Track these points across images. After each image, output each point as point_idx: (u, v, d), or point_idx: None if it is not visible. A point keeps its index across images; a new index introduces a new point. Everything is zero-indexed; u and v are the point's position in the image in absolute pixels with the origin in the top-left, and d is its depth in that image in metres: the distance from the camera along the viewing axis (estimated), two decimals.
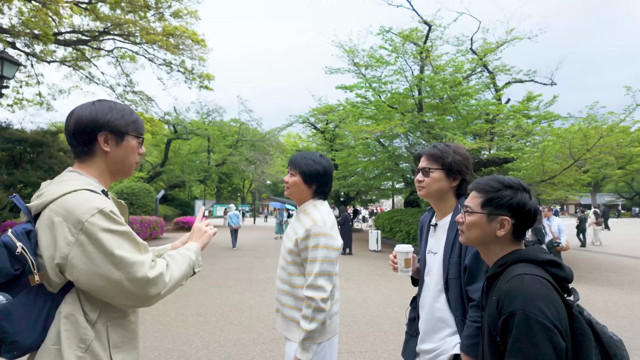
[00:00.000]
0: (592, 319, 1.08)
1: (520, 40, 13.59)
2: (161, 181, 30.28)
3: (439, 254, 1.79)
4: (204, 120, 31.14)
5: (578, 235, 16.27)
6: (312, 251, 1.80)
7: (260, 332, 4.81)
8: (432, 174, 1.78)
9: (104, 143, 1.25)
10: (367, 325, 5.15)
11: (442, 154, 1.77)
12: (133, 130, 1.30)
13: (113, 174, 1.31)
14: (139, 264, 1.13)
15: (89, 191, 1.17)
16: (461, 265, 1.68)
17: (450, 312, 1.70)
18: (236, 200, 52.71)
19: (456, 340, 1.67)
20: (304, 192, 1.96)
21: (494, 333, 1.09)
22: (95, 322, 1.14)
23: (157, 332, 4.76)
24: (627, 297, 6.89)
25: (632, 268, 10.25)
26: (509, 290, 1.05)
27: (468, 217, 1.24)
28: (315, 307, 1.75)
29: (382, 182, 20.33)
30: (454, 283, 1.68)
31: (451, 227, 1.75)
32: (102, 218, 1.11)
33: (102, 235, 1.10)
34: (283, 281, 1.93)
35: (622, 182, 49.54)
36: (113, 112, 1.26)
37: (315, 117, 21.67)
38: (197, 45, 14.51)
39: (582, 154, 9.90)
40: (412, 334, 1.91)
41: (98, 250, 1.09)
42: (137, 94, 16.60)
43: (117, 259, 1.11)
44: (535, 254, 1.14)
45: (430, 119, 12.78)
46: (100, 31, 13.77)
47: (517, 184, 1.21)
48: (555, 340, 0.97)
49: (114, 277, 1.10)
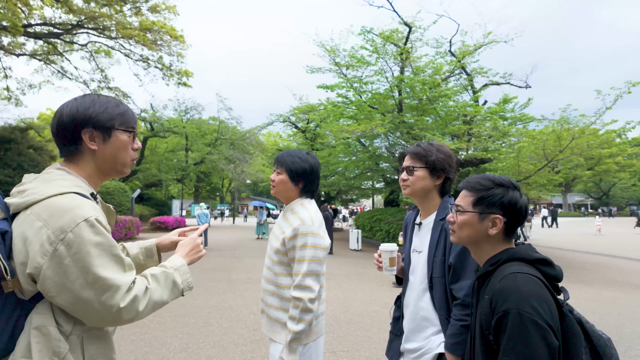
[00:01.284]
0: (582, 318, 1.08)
1: (497, 43, 13.92)
2: (137, 180, 29.48)
3: (423, 253, 1.78)
4: (182, 118, 30.55)
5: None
6: (300, 250, 1.77)
7: (241, 333, 4.73)
8: (416, 172, 1.78)
9: (90, 141, 1.15)
10: (348, 324, 5.15)
11: (426, 152, 1.77)
12: (121, 123, 1.19)
13: (105, 173, 1.21)
14: (115, 288, 1.04)
15: (78, 195, 1.07)
16: (446, 264, 1.68)
17: (434, 311, 1.70)
18: (215, 200, 52.01)
19: (440, 339, 1.67)
20: (291, 191, 1.92)
21: (487, 332, 1.08)
22: (69, 333, 1.06)
23: (133, 335, 4.61)
24: (598, 293, 7.15)
25: (602, 265, 10.67)
26: (502, 289, 1.04)
27: (460, 216, 1.22)
28: (303, 308, 1.71)
29: (362, 182, 20.45)
30: (438, 282, 1.68)
31: (435, 225, 1.75)
32: (87, 229, 1.02)
33: (85, 249, 1.01)
34: (269, 281, 1.89)
35: (591, 182, 51.63)
36: (95, 105, 1.16)
37: (296, 116, 21.59)
38: (176, 41, 14.21)
39: (556, 155, 10.23)
40: (396, 333, 1.90)
41: (76, 265, 1.01)
42: (112, 90, 16.11)
43: (93, 277, 1.02)
44: (527, 253, 1.14)
45: (410, 120, 12.92)
46: (74, 24, 13.29)
47: (508, 182, 1.20)
48: (548, 339, 0.97)
49: (85, 296, 1.02)
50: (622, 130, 10.16)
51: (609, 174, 37.99)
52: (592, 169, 32.00)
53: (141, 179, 29.33)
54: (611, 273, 9.41)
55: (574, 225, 32.46)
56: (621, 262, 11.32)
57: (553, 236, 20.28)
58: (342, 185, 20.24)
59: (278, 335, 1.82)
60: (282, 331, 1.81)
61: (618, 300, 6.64)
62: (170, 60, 15.24)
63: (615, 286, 7.85)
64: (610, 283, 8.18)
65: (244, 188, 53.71)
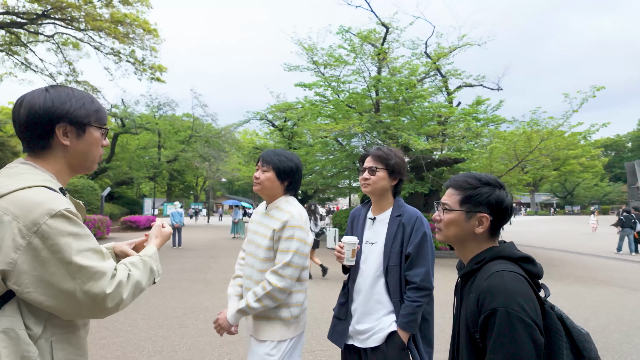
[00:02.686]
0: (562, 314, 1.11)
1: (471, 46, 14.28)
2: (107, 178, 28.49)
3: (377, 244, 1.98)
4: (155, 114, 29.71)
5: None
6: (286, 242, 1.81)
7: (217, 334, 4.63)
8: (378, 172, 1.99)
9: (63, 136, 1.10)
10: (326, 323, 5.14)
11: (387, 155, 2.00)
12: (96, 120, 1.17)
13: (73, 169, 1.17)
14: (99, 274, 1.01)
15: (47, 189, 1.02)
16: (402, 254, 1.90)
17: (387, 295, 1.91)
18: (188, 199, 50.95)
19: (391, 320, 1.88)
20: (276, 189, 1.95)
21: (473, 330, 1.08)
22: (38, 337, 1.00)
23: (104, 338, 4.44)
24: (564, 289, 7.45)
25: (567, 262, 11.15)
26: (489, 287, 1.05)
27: (446, 214, 1.23)
28: (269, 293, 1.76)
29: (339, 181, 20.55)
30: (394, 269, 1.90)
31: (392, 221, 1.97)
32: (63, 220, 0.98)
33: (62, 240, 0.97)
34: (253, 281, 1.89)
35: (556, 182, 53.93)
36: (72, 100, 1.12)
37: (273, 114, 21.43)
38: (149, 34, 13.80)
39: (526, 155, 10.60)
40: (340, 317, 2.05)
41: (54, 256, 0.96)
42: (80, 84, 15.49)
43: (74, 267, 0.98)
44: (511, 251, 1.16)
45: (387, 120, 13.08)
46: (39, 14, 12.66)
47: (494, 181, 1.22)
48: (535, 336, 0.98)
49: (68, 287, 0.98)
50: (587, 132, 10.64)
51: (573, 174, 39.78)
52: (557, 170, 33.41)
53: (111, 177, 28.36)
54: (576, 269, 9.84)
55: (540, 223, 33.78)
56: (585, 259, 11.86)
57: (513, 233, 20.96)
58: (319, 184, 20.27)
59: (264, 334, 1.83)
60: (269, 328, 1.83)
61: (583, 296, 6.95)
62: (143, 55, 14.80)
63: (580, 282, 8.22)
64: (576, 279, 8.55)
65: (219, 187, 52.89)
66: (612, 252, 13.38)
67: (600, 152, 19.08)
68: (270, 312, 1.83)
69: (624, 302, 6.45)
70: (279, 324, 1.83)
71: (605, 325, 5.19)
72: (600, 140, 29.74)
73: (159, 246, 1.35)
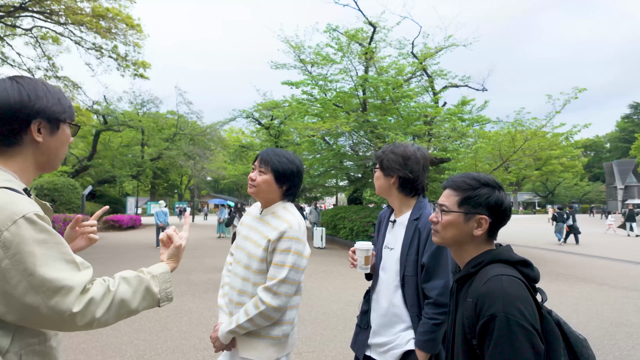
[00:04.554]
0: (560, 319, 1.08)
1: (456, 46, 14.42)
2: (88, 176, 27.83)
3: (395, 250, 1.81)
4: (138, 111, 29.18)
5: None
6: (281, 254, 1.65)
7: (202, 337, 4.54)
8: (376, 173, 1.92)
9: (37, 132, 1.03)
10: (313, 324, 5.10)
11: (381, 154, 1.91)
12: (69, 117, 1.11)
13: (39, 167, 1.09)
14: (66, 290, 0.91)
15: (10, 190, 0.93)
16: (418, 263, 1.71)
17: (405, 308, 1.73)
18: (173, 198, 50.21)
19: (410, 336, 1.70)
20: (273, 193, 1.76)
21: (470, 336, 1.05)
22: (6, 351, 0.91)
23: (84, 343, 4.30)
24: (545, 287, 7.55)
25: (548, 260, 11.37)
26: (488, 291, 1.01)
27: (444, 216, 1.18)
28: (263, 313, 1.61)
29: (326, 180, 20.51)
30: (410, 280, 1.72)
31: (409, 225, 1.78)
32: (27, 226, 0.89)
33: (26, 248, 0.88)
34: (243, 293, 1.74)
35: (538, 182, 55.14)
36: (48, 95, 1.05)
37: (259, 112, 21.25)
38: (132, 30, 13.49)
39: (510, 155, 10.76)
40: (362, 326, 1.92)
41: (16, 267, 0.87)
42: (60, 80, 15.04)
43: (38, 280, 0.88)
44: (509, 254, 1.13)
45: (374, 119, 13.10)
46: (16, 6, 12.23)
47: (493, 182, 1.18)
48: (535, 342, 0.95)
49: (30, 301, 0.88)
50: (569, 133, 10.85)
51: (554, 174, 40.78)
52: (539, 169, 34.16)
53: (93, 175, 27.73)
54: (556, 267, 10.03)
55: (522, 222, 34.44)
56: (564, 257, 12.12)
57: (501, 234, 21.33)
58: (306, 183, 20.20)
59: (252, 352, 1.69)
60: (256, 346, 1.69)
61: (564, 293, 7.08)
62: (125, 50, 14.45)
63: (561, 279, 8.38)
64: (557, 277, 8.71)
65: (204, 185, 52.29)
66: (593, 250, 13.73)
67: (580, 152, 19.53)
68: (261, 329, 1.68)
69: (604, 300, 6.59)
70: (268, 343, 1.69)
71: (586, 322, 5.28)
72: (580, 141, 30.48)
73: (173, 269, 1.21)
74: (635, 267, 10.13)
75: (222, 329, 1.71)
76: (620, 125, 70.79)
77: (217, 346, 1.76)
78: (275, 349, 1.69)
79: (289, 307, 1.72)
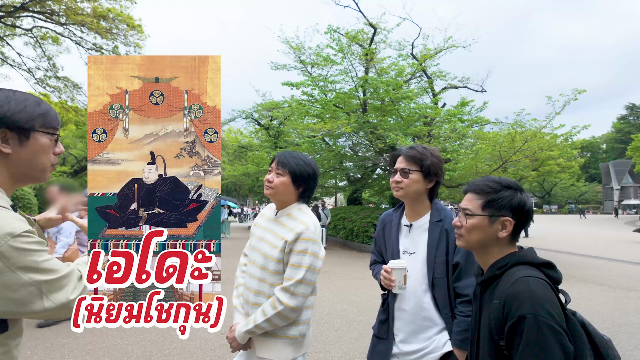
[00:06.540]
0: (584, 320, 1.11)
1: (456, 48, 14.47)
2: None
3: (418, 254, 1.79)
4: None
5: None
6: (298, 255, 1.68)
7: (208, 337, 4.55)
8: (411, 175, 1.79)
9: (3, 143, 1.00)
10: (317, 324, 5.12)
11: (421, 155, 1.79)
12: (41, 125, 1.05)
13: (18, 180, 1.06)
14: (63, 283, 1.03)
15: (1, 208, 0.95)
16: (449, 264, 1.72)
17: (437, 311, 1.72)
18: None
19: (445, 338, 1.70)
20: (290, 194, 1.80)
21: (497, 337, 1.07)
22: None
23: (90, 344, 4.30)
24: None
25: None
26: (516, 293, 1.04)
27: (468, 220, 1.21)
28: (280, 313, 1.64)
29: (326, 181, 20.53)
30: (440, 282, 1.72)
31: (433, 227, 1.78)
32: (19, 244, 0.92)
33: (24, 259, 0.93)
34: (260, 294, 1.76)
35: (535, 182, 55.32)
36: (11, 103, 1.01)
37: (259, 112, 21.26)
38: (133, 30, 13.47)
39: (510, 156, 10.81)
40: (381, 336, 1.87)
41: (16, 275, 0.92)
42: (61, 80, 14.99)
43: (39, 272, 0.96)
44: (533, 256, 1.15)
45: (373, 120, 13.14)
46: (17, 7, 12.20)
47: (514, 184, 1.21)
48: (564, 343, 0.98)
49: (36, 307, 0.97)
50: (569, 134, 10.92)
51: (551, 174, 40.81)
52: (536, 170, 34.25)
53: None
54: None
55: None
56: (565, 257, 12.19)
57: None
58: None
59: (269, 352, 1.71)
60: (274, 346, 1.70)
61: None
62: (126, 51, 14.39)
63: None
64: None
65: None
66: (593, 250, 13.81)
67: (577, 153, 19.61)
68: (278, 330, 1.70)
69: (603, 300, 6.64)
70: (285, 343, 1.70)
71: None
72: (577, 141, 30.64)
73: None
74: (635, 267, 10.21)
75: (239, 329, 1.73)
76: (617, 126, 71.17)
77: (234, 346, 1.77)
78: (292, 348, 1.71)
79: (305, 307, 1.74)
